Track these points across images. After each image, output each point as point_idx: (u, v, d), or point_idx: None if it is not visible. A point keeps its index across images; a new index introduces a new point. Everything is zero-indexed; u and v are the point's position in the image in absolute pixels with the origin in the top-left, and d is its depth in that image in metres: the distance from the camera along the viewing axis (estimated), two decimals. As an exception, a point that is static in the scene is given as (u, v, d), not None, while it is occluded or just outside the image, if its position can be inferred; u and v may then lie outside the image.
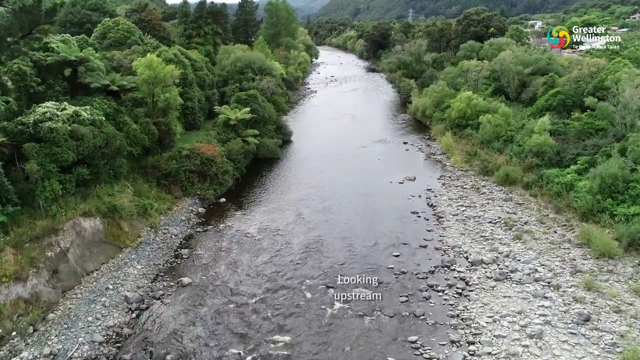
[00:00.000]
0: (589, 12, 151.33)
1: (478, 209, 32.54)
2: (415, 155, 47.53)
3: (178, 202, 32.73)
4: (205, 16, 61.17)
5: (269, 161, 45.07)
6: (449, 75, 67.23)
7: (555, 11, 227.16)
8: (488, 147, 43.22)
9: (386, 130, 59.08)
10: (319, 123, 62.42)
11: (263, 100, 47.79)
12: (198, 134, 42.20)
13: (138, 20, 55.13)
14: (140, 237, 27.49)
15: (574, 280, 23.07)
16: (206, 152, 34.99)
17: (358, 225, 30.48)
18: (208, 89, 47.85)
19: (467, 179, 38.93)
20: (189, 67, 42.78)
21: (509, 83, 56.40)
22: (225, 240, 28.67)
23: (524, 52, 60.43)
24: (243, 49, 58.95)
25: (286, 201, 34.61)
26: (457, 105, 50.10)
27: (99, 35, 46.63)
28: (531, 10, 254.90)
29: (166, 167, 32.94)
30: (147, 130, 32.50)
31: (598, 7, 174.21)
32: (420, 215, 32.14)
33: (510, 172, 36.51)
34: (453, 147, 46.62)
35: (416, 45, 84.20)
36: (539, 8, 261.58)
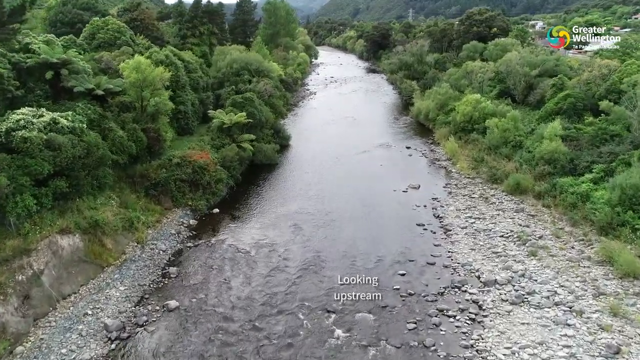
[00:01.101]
0: (590, 12, 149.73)
1: (488, 221, 30.50)
2: (419, 161, 45.50)
3: (168, 213, 30.65)
4: (200, 16, 59.08)
5: (266, 167, 43.01)
6: (453, 77, 65.25)
7: (555, 11, 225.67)
8: (495, 153, 41.21)
9: (388, 133, 57.04)
10: (319, 126, 60.37)
11: (260, 103, 45.75)
12: (191, 140, 40.14)
13: (130, 19, 53.05)
14: (125, 253, 25.40)
15: (598, 304, 21.05)
16: (198, 159, 32.92)
17: (360, 239, 28.43)
18: (202, 92, 45.78)
19: (475, 187, 36.89)
20: (182, 69, 40.71)
21: (516, 85, 54.40)
22: (217, 256, 26.60)
23: (530, 53, 58.52)
24: (240, 49, 56.85)
25: (283, 212, 32.55)
26: (462, 108, 48.08)
27: (87, 36, 44.55)
28: (531, 10, 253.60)
29: (155, 176, 30.87)
30: (134, 137, 30.43)
31: (599, 7, 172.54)
32: (426, 228, 30.09)
33: (521, 180, 34.47)
34: (458, 153, 44.59)
35: (418, 45, 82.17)
36: (539, 8, 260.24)
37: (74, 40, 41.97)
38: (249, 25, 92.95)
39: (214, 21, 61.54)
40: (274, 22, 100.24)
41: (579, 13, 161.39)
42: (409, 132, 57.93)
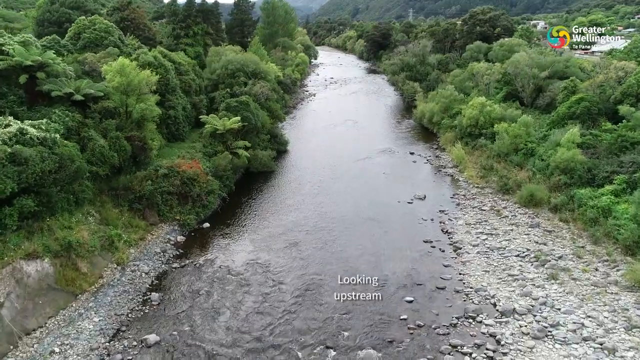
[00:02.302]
0: (592, 11, 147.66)
1: (501, 238, 28.06)
2: (424, 168, 43.06)
3: (153, 229, 28.18)
4: (194, 15, 56.59)
5: (261, 176, 40.57)
6: (457, 79, 62.86)
7: (555, 11, 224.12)
8: (505, 160, 38.79)
9: (390, 138, 54.62)
10: (318, 130, 57.95)
11: (256, 107, 43.30)
12: (182, 146, 37.70)
13: (120, 19, 50.56)
14: (103, 277, 22.95)
15: (632, 339, 18.62)
16: (188, 169, 30.45)
17: (363, 259, 25.98)
18: (195, 95, 43.32)
19: (485, 198, 34.46)
20: (172, 71, 38.23)
21: (524, 87, 51.99)
22: (205, 279, 24.14)
23: (539, 54, 56.09)
24: (235, 50, 54.38)
25: (279, 227, 30.09)
26: (468, 112, 45.64)
27: (72, 36, 42.06)
28: (531, 10, 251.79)
29: (140, 188, 28.40)
30: (117, 146, 27.97)
31: (601, 6, 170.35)
32: (434, 246, 27.65)
33: (535, 191, 32.03)
34: (465, 160, 42.16)
35: (420, 46, 79.69)
36: (539, 8, 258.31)
37: (58, 40, 39.51)
38: (247, 25, 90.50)
39: (208, 21, 59.04)
40: (272, 22, 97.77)
41: (581, 13, 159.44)
42: (412, 136, 55.51)
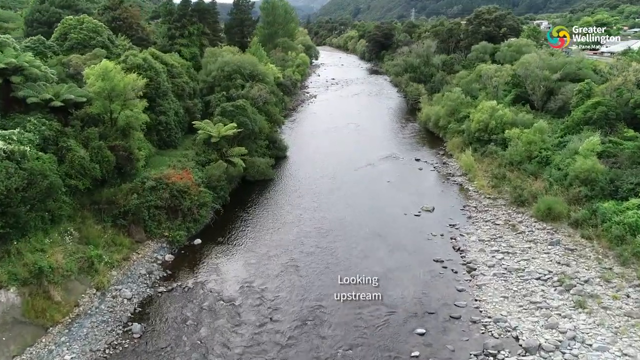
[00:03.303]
0: (596, 11, 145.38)
1: (519, 257, 25.68)
2: (431, 177, 40.69)
3: (139, 247, 25.84)
4: (190, 14, 54.22)
5: (259, 184, 38.23)
6: (463, 81, 60.47)
7: (557, 11, 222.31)
8: (518, 169, 36.40)
9: (394, 143, 52.26)
10: (319, 134, 55.59)
11: (253, 111, 40.95)
12: (174, 154, 35.35)
13: (112, 18, 48.25)
14: (79, 305, 20.62)
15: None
16: (178, 181, 28.12)
17: (369, 282, 23.62)
18: (188, 99, 40.97)
19: (498, 211, 32.08)
20: (163, 73, 35.89)
21: (535, 90, 49.58)
22: (194, 306, 21.80)
23: (549, 54, 53.70)
24: (232, 51, 52.01)
25: (276, 245, 27.72)
26: (477, 116, 43.25)
27: (59, 36, 39.78)
28: (533, 9, 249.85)
29: (125, 202, 26.06)
30: (99, 156, 25.64)
31: (605, 6, 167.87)
32: (446, 266, 25.28)
33: (553, 204, 29.65)
34: (475, 167, 39.78)
35: (424, 46, 77.30)
36: (541, 8, 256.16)
37: (43, 41, 37.24)
38: (247, 24, 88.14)
39: (205, 20, 56.66)
40: (271, 22, 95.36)
41: (585, 12, 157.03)
42: (417, 141, 53.15)
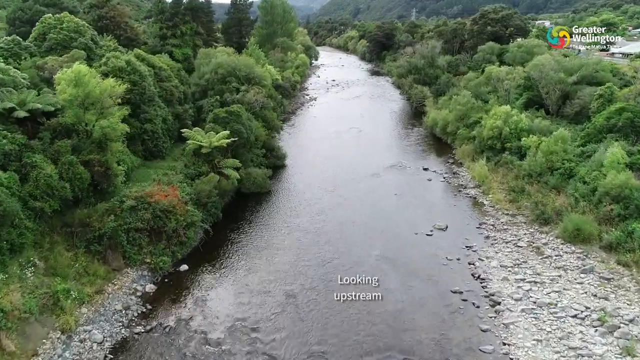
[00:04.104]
0: (599, 11, 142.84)
1: (548, 288, 22.55)
2: (441, 188, 37.55)
3: (116, 277, 22.68)
4: (182, 13, 51.00)
5: (255, 198, 35.10)
6: (472, 83, 57.34)
7: (558, 11, 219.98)
8: (538, 181, 33.29)
9: (399, 150, 49.15)
10: (319, 140, 52.44)
11: (249, 117, 37.83)
12: (161, 166, 32.24)
13: (98, 17, 45.06)
14: (38, 354, 17.48)
15: None
16: (161, 199, 24.96)
17: (377, 320, 20.50)
18: (178, 104, 37.83)
19: (519, 230, 28.95)
20: (149, 77, 32.73)
21: (549, 94, 46.53)
22: (175, 352, 18.63)
23: (563, 55, 50.68)
24: (227, 52, 48.86)
25: (273, 274, 24.53)
26: (490, 122, 40.13)
27: (37, 36, 36.59)
28: (534, 10, 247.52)
29: (100, 225, 22.93)
30: (71, 173, 22.50)
31: (609, 6, 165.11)
32: (466, 299, 22.14)
33: (581, 224, 26.53)
34: (489, 179, 36.69)
35: (429, 47, 74.19)
36: (542, 8, 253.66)
37: (19, 41, 33.99)
38: (245, 24, 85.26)
39: (198, 19, 53.49)
40: (270, 21, 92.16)
41: (587, 12, 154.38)
42: (424, 147, 50.04)
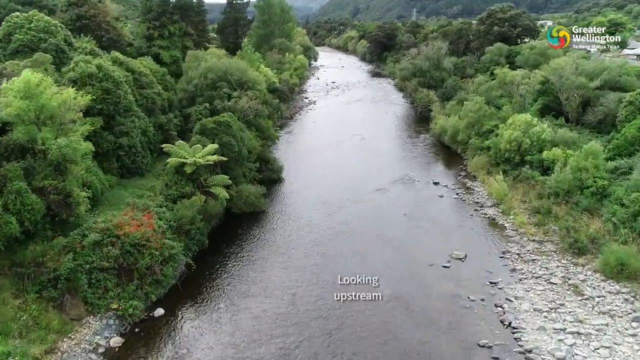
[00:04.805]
0: (602, 11, 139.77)
1: (595, 341, 18.69)
2: (455, 207, 33.69)
3: (74, 329, 18.77)
4: (170, 12, 47.06)
5: (247, 219, 31.23)
6: (482, 88, 53.52)
7: (558, 11, 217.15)
8: (567, 201, 29.48)
9: (406, 160, 45.32)
10: (319, 149, 48.58)
11: (240, 128, 33.98)
12: (140, 185, 28.31)
13: (76, 17, 41.12)
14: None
15: None
16: (133, 231, 21.07)
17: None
18: (162, 114, 33.95)
19: (549, 261, 25.08)
20: (125, 84, 28.81)
21: (569, 100, 42.77)
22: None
23: (582, 58, 46.90)
24: (218, 54, 44.91)
25: (265, 318, 20.68)
26: (508, 133, 36.29)
27: (2, 37, 32.73)
28: (534, 10, 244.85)
29: (55, 265, 19.08)
30: (19, 204, 18.63)
31: (612, 6, 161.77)
32: (497, 357, 18.24)
33: (625, 257, 22.71)
34: (509, 197, 32.88)
35: (434, 48, 70.38)
36: (542, 8, 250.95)
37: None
38: (241, 24, 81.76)
39: (188, 19, 49.60)
40: (267, 21, 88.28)
41: (591, 13, 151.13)
42: (432, 157, 46.22)
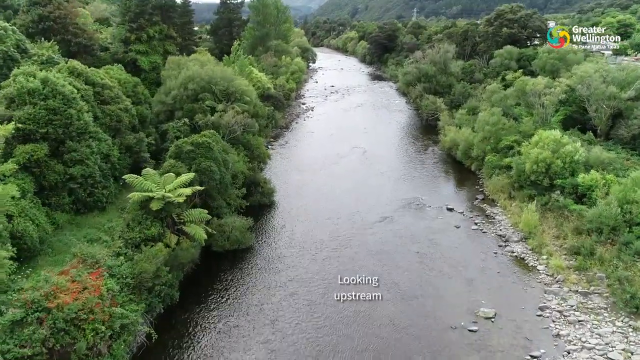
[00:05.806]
0: (606, 11, 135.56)
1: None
2: (475, 242, 28.65)
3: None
4: (150, 12, 41.95)
5: (230, 258, 26.25)
6: (496, 96, 48.51)
7: (558, 12, 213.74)
8: (612, 240, 24.58)
9: (414, 179, 40.29)
10: (317, 165, 43.48)
11: (224, 148, 28.97)
12: (97, 223, 23.32)
13: (39, 18, 36.03)
14: None
15: None
16: (69, 302, 16.03)
17: None
18: (132, 132, 28.91)
19: (601, 324, 20.12)
20: (82, 100, 23.74)
21: (597, 112, 38.00)
22: None
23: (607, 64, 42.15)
24: (202, 60, 39.77)
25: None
26: (535, 153, 31.27)
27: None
28: (534, 10, 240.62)
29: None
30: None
31: (616, 6, 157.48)
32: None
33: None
34: (539, 230, 27.92)
35: (441, 51, 65.44)
36: (542, 8, 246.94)
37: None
38: (236, 25, 77.32)
39: (170, 20, 44.53)
40: (262, 22, 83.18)
41: (594, 13, 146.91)
42: (444, 176, 41.25)
